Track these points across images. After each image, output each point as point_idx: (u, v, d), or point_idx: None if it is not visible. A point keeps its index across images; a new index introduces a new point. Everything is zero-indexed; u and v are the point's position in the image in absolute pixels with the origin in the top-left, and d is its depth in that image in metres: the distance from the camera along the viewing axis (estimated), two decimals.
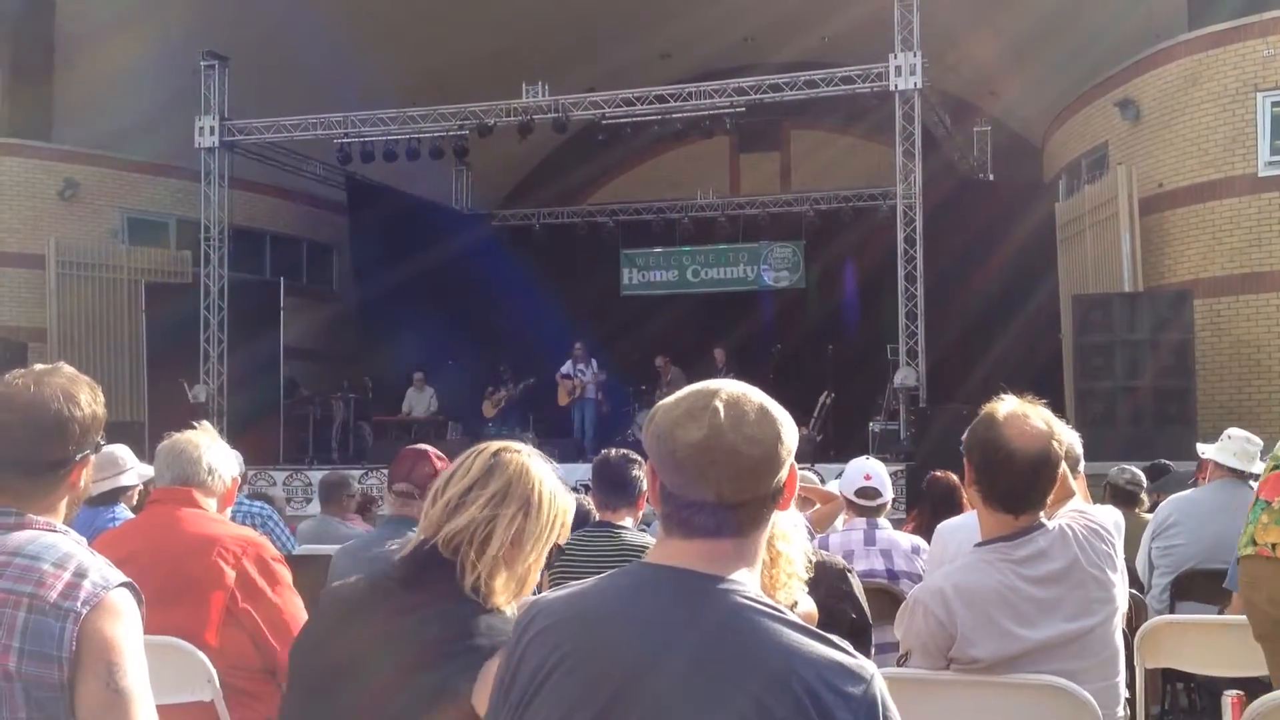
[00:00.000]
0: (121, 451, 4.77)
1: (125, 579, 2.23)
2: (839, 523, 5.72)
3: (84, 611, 2.13)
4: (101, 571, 2.20)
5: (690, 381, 1.89)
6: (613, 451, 4.69)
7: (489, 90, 17.84)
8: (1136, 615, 4.94)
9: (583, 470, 15.09)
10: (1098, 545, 2.95)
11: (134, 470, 4.45)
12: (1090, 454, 3.89)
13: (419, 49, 19.86)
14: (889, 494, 5.45)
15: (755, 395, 1.79)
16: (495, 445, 2.44)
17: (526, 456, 2.42)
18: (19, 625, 2.11)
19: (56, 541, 2.24)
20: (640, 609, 1.73)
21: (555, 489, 2.44)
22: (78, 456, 2.34)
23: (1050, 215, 17.95)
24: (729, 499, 1.74)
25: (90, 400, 2.35)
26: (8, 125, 19.28)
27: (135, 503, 4.85)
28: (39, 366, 2.38)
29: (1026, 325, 17.36)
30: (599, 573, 1.87)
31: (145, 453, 3.82)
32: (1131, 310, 14.26)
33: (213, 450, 3.66)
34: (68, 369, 2.39)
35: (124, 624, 2.18)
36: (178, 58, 18.29)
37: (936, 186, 17.43)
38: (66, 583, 2.15)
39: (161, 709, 2.28)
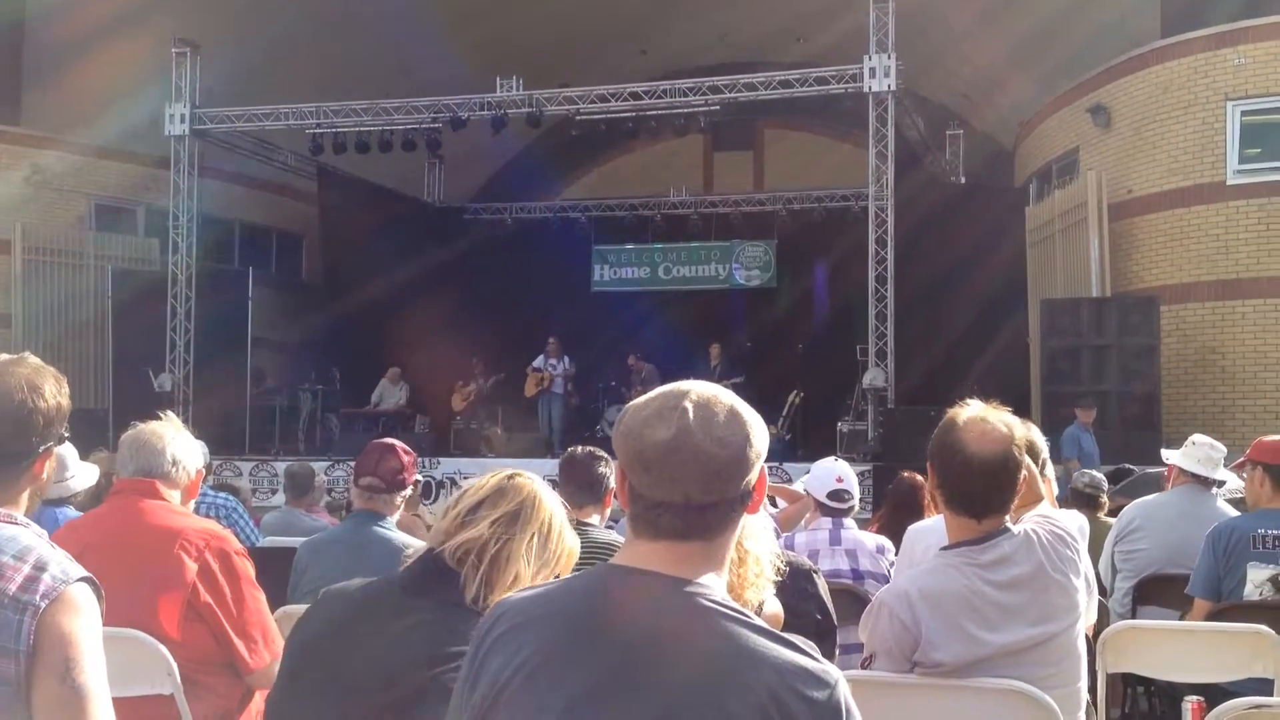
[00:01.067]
0: (68, 455, 4.59)
1: (85, 573, 2.20)
2: (804, 522, 5.73)
3: (43, 605, 2.10)
4: (61, 565, 2.18)
5: (665, 379, 1.89)
6: (579, 449, 4.67)
7: (463, 84, 17.78)
8: (1099, 620, 4.97)
9: (550, 466, 15.09)
10: (1062, 550, 2.96)
11: (78, 476, 4.38)
12: (1057, 458, 3.91)
13: (392, 41, 19.76)
14: (857, 495, 5.47)
15: (726, 397, 1.79)
16: (509, 470, 2.55)
17: (538, 487, 2.52)
18: None
19: (16, 534, 2.21)
20: (605, 612, 1.72)
21: (565, 524, 2.53)
22: (41, 448, 2.32)
23: (1020, 219, 18.06)
24: (697, 500, 1.73)
25: (55, 391, 2.33)
26: None
27: (83, 499, 4.77)
28: (3, 356, 2.36)
29: (996, 328, 17.46)
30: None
31: (110, 441, 3.79)
32: (1099, 315, 14.38)
33: (177, 441, 3.63)
34: (33, 359, 2.37)
35: (82, 619, 2.15)
36: (149, 44, 18.12)
37: (909, 189, 17.50)
38: (26, 576, 2.13)
39: (121, 702, 2.26)
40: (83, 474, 4.34)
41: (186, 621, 3.26)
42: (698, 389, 1.78)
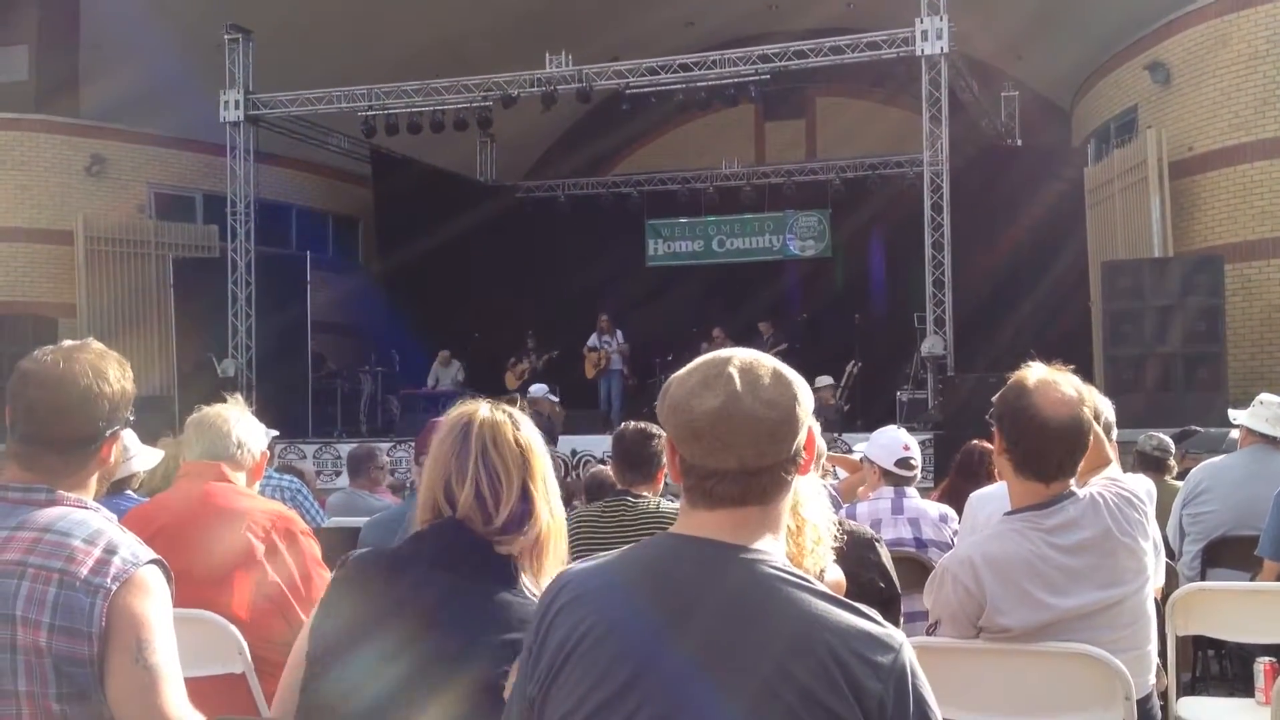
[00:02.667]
0: (129, 437, 4.62)
1: (155, 556, 2.24)
2: (865, 491, 5.70)
3: (114, 588, 2.14)
4: (131, 548, 2.21)
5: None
6: (629, 426, 4.64)
7: (512, 61, 17.78)
8: (1167, 582, 4.91)
9: (610, 442, 15.13)
10: (1129, 513, 2.93)
11: (139, 458, 4.41)
12: (1122, 422, 3.86)
13: (442, 20, 19.79)
14: (920, 464, 5.44)
15: (768, 360, 1.79)
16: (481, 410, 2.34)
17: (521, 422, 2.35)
18: (50, 600, 2.12)
19: (87, 518, 2.24)
20: (666, 580, 1.73)
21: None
22: (107, 432, 2.35)
23: (1079, 180, 17.79)
24: (750, 464, 1.73)
25: (119, 376, 2.36)
26: (34, 101, 19.37)
27: (147, 484, 4.81)
28: (67, 343, 2.38)
29: (1054, 292, 17.22)
30: (621, 542, 1.87)
31: (176, 427, 3.83)
32: (1161, 276, 14.14)
33: (242, 424, 3.68)
34: (96, 345, 2.39)
35: (153, 600, 2.19)
36: (202, 31, 18.29)
37: (963, 152, 17.29)
38: (97, 559, 2.16)
39: (192, 682, 2.30)
40: (144, 456, 4.39)
41: (255, 601, 3.31)
42: (739, 355, 1.79)
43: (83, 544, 2.17)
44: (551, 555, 2.28)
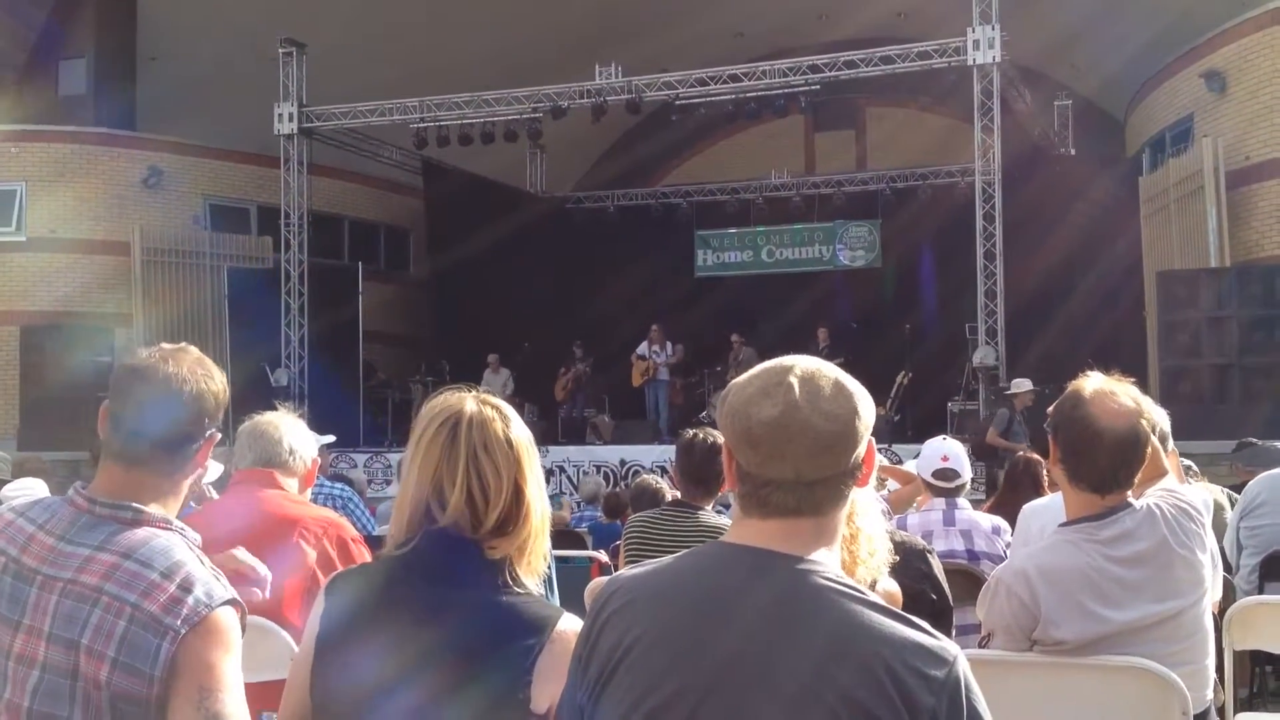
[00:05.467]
0: None
1: (231, 595, 2.18)
2: (917, 503, 5.67)
3: (183, 630, 2.09)
4: (207, 586, 2.15)
5: (763, 360, 1.85)
6: (698, 439, 4.56)
7: (562, 72, 17.86)
8: (1224, 596, 4.84)
9: (658, 452, 15.13)
10: (1186, 525, 2.89)
11: (209, 469, 4.45)
12: (1177, 433, 3.81)
13: (492, 33, 19.92)
14: (967, 474, 5.39)
15: (830, 370, 1.77)
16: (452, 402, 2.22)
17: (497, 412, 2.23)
18: (117, 635, 2.08)
19: (170, 545, 2.19)
20: (718, 589, 1.72)
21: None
22: (209, 433, 2.34)
23: (1133, 189, 17.61)
24: (807, 476, 1.71)
25: (221, 377, 2.38)
26: (93, 115, 19.68)
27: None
28: (167, 346, 2.38)
29: (1107, 302, 17.07)
30: (676, 550, 1.85)
31: (230, 437, 3.86)
32: (1218, 286, 13.97)
33: (293, 431, 3.70)
34: (194, 349, 2.41)
35: (223, 645, 2.14)
36: (257, 45, 18.53)
37: (1016, 162, 17.17)
38: (171, 595, 2.10)
39: (248, 686, 2.30)
40: (211, 468, 4.43)
41: (307, 607, 3.32)
42: (801, 364, 1.76)
43: (160, 577, 2.12)
44: (538, 551, 2.18)
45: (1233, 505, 6.24)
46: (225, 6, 18.98)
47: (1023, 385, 13.33)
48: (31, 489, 6.13)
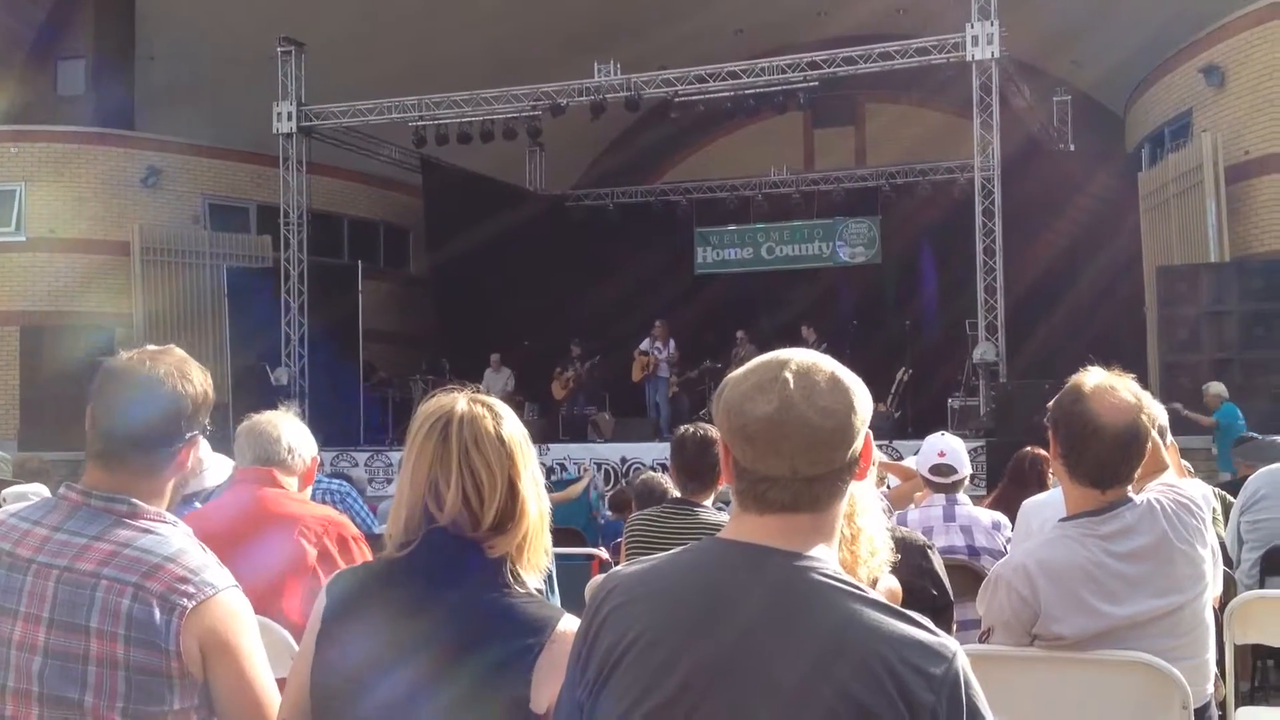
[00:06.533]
0: (203, 450, 4.58)
1: (233, 582, 2.23)
2: (917, 499, 5.67)
3: (189, 606, 2.13)
4: (214, 571, 2.21)
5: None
6: (689, 433, 4.58)
7: (561, 70, 17.84)
8: (1225, 591, 4.85)
9: (659, 449, 15.13)
10: (1187, 520, 2.89)
11: (213, 470, 4.43)
12: (1177, 428, 3.81)
13: (491, 31, 19.91)
14: (966, 469, 5.38)
15: (826, 364, 1.75)
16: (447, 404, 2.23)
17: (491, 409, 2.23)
18: (124, 612, 2.11)
19: (169, 535, 2.23)
20: (716, 586, 1.71)
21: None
22: (188, 435, 2.35)
23: (1132, 184, 17.61)
24: (804, 472, 1.70)
25: (202, 380, 2.39)
26: (92, 115, 19.67)
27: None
28: (151, 347, 2.40)
29: (1107, 297, 17.06)
30: (674, 548, 1.85)
31: (230, 436, 3.86)
32: (1218, 281, 13.97)
33: (291, 429, 3.70)
34: (179, 350, 2.42)
35: (241, 624, 2.21)
36: (255, 44, 18.51)
37: (1016, 157, 17.15)
38: (176, 575, 2.15)
39: None
40: (217, 468, 4.42)
41: (307, 605, 3.32)
42: (797, 358, 1.75)
43: (162, 560, 2.16)
44: (538, 547, 2.17)
45: (1224, 505, 6.24)
46: (224, 5, 18.97)
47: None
48: (35, 496, 6.13)
